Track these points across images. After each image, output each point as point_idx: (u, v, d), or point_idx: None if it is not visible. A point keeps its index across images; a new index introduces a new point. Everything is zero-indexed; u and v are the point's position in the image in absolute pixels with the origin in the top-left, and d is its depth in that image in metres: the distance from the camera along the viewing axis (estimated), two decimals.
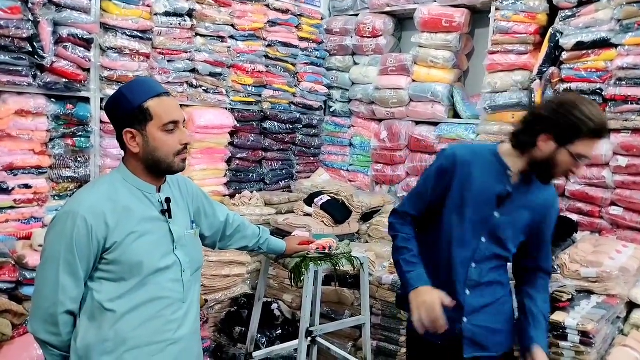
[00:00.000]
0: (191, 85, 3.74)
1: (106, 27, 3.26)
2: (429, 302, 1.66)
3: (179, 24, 3.56)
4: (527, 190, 1.77)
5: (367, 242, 3.74)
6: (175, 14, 3.54)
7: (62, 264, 1.42)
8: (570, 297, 2.55)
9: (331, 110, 4.86)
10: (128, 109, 1.47)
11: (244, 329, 3.01)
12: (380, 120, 4.50)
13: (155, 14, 3.46)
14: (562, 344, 2.34)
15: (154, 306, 1.49)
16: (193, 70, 3.73)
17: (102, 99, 3.28)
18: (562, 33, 3.43)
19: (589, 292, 2.69)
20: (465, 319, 1.79)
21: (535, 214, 1.79)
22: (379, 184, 4.53)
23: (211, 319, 3.20)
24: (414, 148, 4.25)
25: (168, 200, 1.57)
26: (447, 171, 1.77)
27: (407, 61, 4.26)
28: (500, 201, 1.75)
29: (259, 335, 3.01)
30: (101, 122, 3.29)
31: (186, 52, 3.64)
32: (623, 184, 3.22)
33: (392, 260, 3.04)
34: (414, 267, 1.78)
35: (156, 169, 1.53)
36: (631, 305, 2.67)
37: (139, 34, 3.36)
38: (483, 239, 1.77)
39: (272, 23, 4.21)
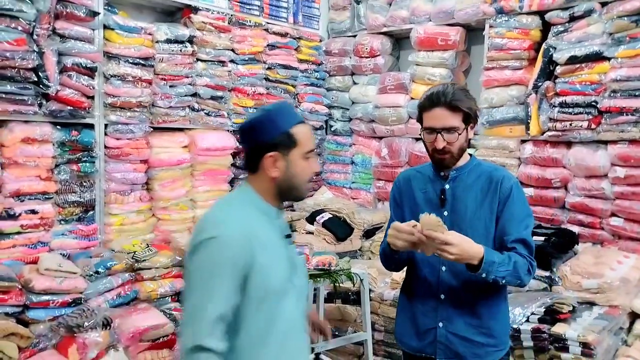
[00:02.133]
0: (193, 109, 3.82)
1: (109, 56, 3.36)
2: (391, 230, 1.72)
3: (180, 50, 3.65)
4: (465, 181, 1.83)
5: (369, 258, 3.77)
6: (176, 41, 3.64)
7: (223, 284, 1.35)
8: (571, 308, 2.56)
9: (332, 129, 4.93)
10: (275, 133, 1.45)
11: None
12: (380, 138, 4.56)
13: (157, 42, 3.56)
14: (564, 355, 2.34)
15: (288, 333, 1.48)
16: (195, 95, 3.81)
17: (106, 125, 3.37)
18: (555, 48, 3.48)
19: (591, 304, 2.69)
20: (440, 324, 1.81)
21: (484, 197, 1.80)
22: (381, 200, 4.56)
23: None
24: (414, 164, 4.29)
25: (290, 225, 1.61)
26: (395, 198, 1.96)
27: (405, 79, 4.33)
28: (442, 201, 1.83)
29: None
30: (105, 147, 3.37)
31: (187, 77, 3.73)
32: (622, 194, 3.23)
33: (393, 276, 3.09)
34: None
35: (288, 194, 1.52)
36: (634, 316, 2.67)
37: (141, 61, 3.46)
38: None
39: (272, 46, 4.31)
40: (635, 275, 2.82)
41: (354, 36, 4.76)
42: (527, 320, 2.51)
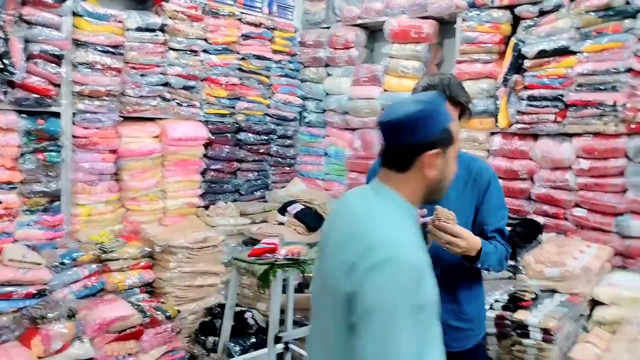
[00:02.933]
0: (164, 99, 3.78)
1: (78, 43, 3.30)
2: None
3: (151, 38, 3.61)
4: None
5: None
6: (147, 29, 3.60)
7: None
8: (533, 296, 2.62)
9: (306, 120, 4.93)
10: (436, 130, 1.27)
11: (217, 338, 3.03)
12: (354, 130, 4.58)
13: (127, 30, 3.51)
14: (525, 341, 2.40)
15: None
16: (166, 84, 3.77)
17: (74, 114, 3.31)
18: (524, 42, 3.54)
19: (553, 291, 2.76)
20: None
21: (464, 186, 1.85)
22: None
23: (185, 329, 3.21)
24: None
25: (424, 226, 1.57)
26: None
27: (379, 71, 4.35)
28: None
29: (233, 344, 3.03)
30: (73, 136, 3.32)
31: (159, 66, 3.69)
32: (586, 186, 3.31)
33: None
34: None
35: (433, 195, 1.35)
36: (594, 303, 2.74)
37: (110, 49, 3.40)
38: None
39: (246, 36, 4.28)
40: (596, 264, 2.90)
41: (329, 28, 4.75)
42: (491, 308, 2.56)
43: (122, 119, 3.53)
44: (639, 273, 2.99)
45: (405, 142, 1.28)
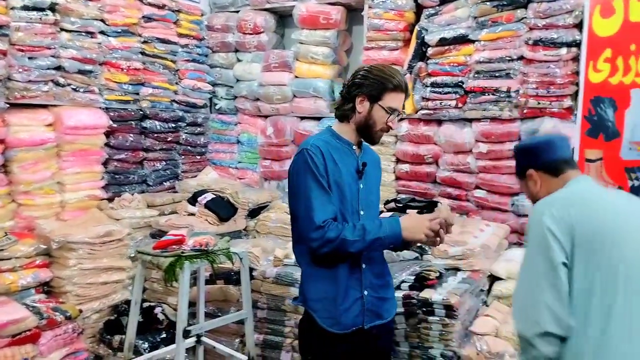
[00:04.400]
0: (58, 84, 3.51)
1: None
2: (422, 222, 1.83)
3: (40, 18, 3.32)
4: (364, 156, 2.00)
5: (255, 237, 3.74)
6: (35, 8, 3.31)
7: None
8: (438, 274, 2.73)
9: (217, 107, 4.80)
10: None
11: (124, 336, 2.88)
12: (266, 117, 4.52)
13: (12, 8, 3.21)
14: (430, 318, 2.50)
15: None
16: (59, 68, 3.50)
17: None
18: (427, 30, 3.66)
19: (456, 269, 2.90)
20: (365, 292, 1.92)
21: (376, 171, 2.06)
22: (267, 179, 4.55)
23: (88, 329, 3.03)
24: (299, 143, 4.29)
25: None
26: (319, 167, 1.82)
27: (289, 57, 4.32)
28: (359, 174, 1.94)
29: (141, 341, 2.90)
30: None
31: (50, 49, 3.41)
32: (485, 168, 3.50)
33: (276, 254, 3.10)
34: (373, 229, 1.80)
35: None
36: (493, 279, 2.92)
37: None
38: (362, 212, 1.93)
39: (148, 18, 4.06)
40: (495, 241, 3.09)
41: (237, 12, 4.63)
42: (399, 288, 2.64)
43: (8, 105, 3.22)
44: None
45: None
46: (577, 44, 3.23)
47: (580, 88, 3.25)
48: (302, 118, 4.37)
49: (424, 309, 2.52)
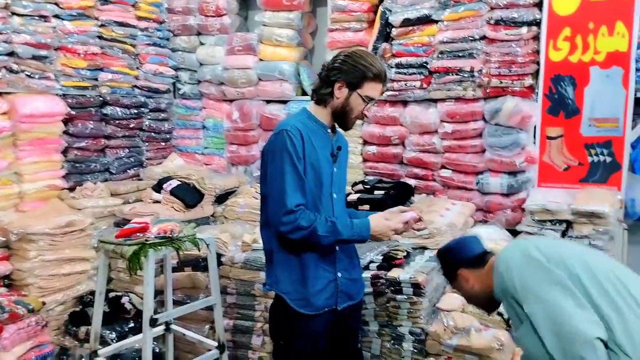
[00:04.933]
0: (11, 71, 3.37)
1: None
2: (388, 226, 1.89)
3: None
4: (338, 140, 2.04)
5: (222, 223, 3.71)
6: None
7: None
8: (405, 254, 2.77)
9: (180, 92, 4.69)
10: None
11: (89, 327, 2.83)
12: (231, 101, 4.45)
13: None
14: (398, 297, 2.53)
15: None
16: (12, 54, 3.35)
17: None
18: (390, 10, 3.64)
19: (424, 248, 2.94)
20: (339, 274, 1.96)
21: (346, 155, 2.10)
22: (234, 165, 4.49)
23: (53, 321, 2.96)
24: (265, 127, 4.27)
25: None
26: (297, 150, 1.83)
27: (253, 40, 4.25)
28: (334, 158, 1.97)
29: (108, 332, 2.85)
30: None
31: (1, 34, 3.26)
32: (450, 148, 3.54)
33: (244, 239, 3.08)
34: (344, 230, 1.84)
35: None
36: None
37: None
38: (335, 195, 1.96)
39: (104, 1, 3.93)
40: (460, 219, 3.14)
41: None
42: (367, 268, 2.66)
43: None
44: (498, 225, 3.30)
45: None
46: (537, 23, 3.27)
47: (541, 67, 3.31)
48: (268, 102, 4.32)
49: (392, 288, 2.55)
